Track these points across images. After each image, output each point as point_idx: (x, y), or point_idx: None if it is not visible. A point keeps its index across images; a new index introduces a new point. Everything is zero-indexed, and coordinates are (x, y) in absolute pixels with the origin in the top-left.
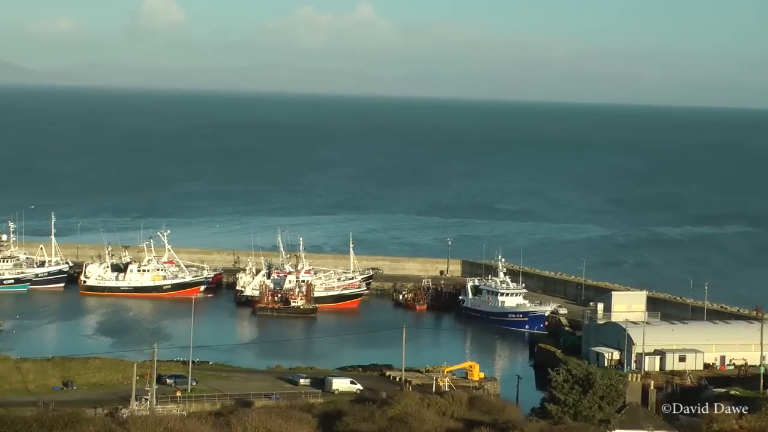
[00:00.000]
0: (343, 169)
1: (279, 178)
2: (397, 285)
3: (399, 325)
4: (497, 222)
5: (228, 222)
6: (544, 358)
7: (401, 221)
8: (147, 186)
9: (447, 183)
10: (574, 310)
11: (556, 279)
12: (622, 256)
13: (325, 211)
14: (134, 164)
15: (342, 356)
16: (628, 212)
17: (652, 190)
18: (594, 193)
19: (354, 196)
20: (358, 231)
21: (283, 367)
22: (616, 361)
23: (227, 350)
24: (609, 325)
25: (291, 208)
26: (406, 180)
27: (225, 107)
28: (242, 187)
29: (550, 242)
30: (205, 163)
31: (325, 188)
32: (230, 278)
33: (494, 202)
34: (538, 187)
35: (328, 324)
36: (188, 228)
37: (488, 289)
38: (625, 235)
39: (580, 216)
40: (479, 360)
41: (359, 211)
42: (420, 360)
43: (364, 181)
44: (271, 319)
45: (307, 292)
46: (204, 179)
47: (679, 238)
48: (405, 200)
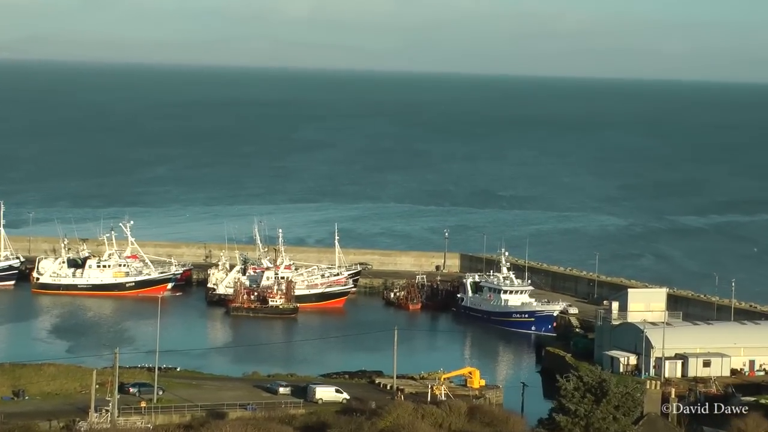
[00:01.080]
0: (328, 152)
1: (256, 162)
2: (388, 282)
3: (390, 326)
4: (500, 211)
5: (199, 211)
6: (553, 363)
7: (393, 210)
8: (108, 171)
9: (444, 167)
10: (586, 310)
11: (565, 275)
12: (639, 249)
13: (307, 199)
14: (93, 147)
15: (326, 361)
16: (646, 199)
17: (674, 175)
18: (609, 179)
19: (340, 182)
20: (345, 221)
21: (260, 374)
22: (632, 367)
23: (198, 355)
24: (625, 327)
25: (269, 196)
26: (399, 164)
27: (196, 84)
28: (215, 172)
29: (559, 233)
30: (173, 146)
31: (308, 173)
32: (201, 275)
33: (497, 188)
34: (547, 172)
35: (310, 325)
36: (154, 218)
37: (490, 286)
38: (642, 225)
39: (593, 204)
40: (480, 365)
41: (346, 199)
42: (414, 366)
43: (351, 166)
44: (246, 321)
45: (287, 290)
46: (172, 163)
47: (704, 228)
48: (397, 187)
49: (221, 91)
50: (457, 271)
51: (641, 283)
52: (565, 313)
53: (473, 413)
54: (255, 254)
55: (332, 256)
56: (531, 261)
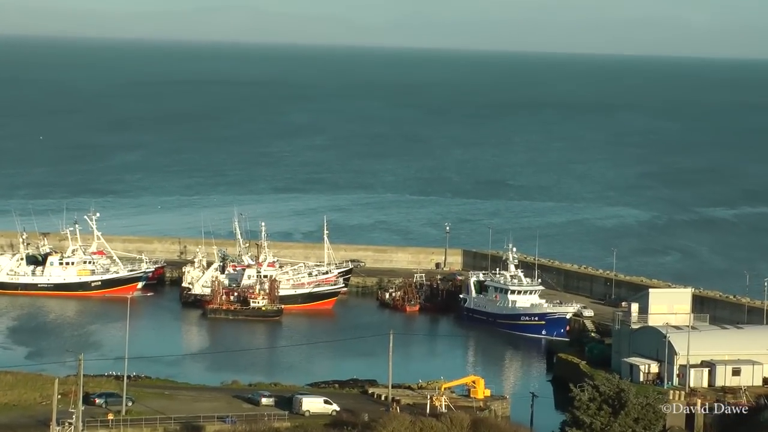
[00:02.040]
0: (316, 137)
1: (237, 147)
2: (383, 281)
3: (385, 330)
4: (507, 202)
5: (172, 202)
6: (565, 371)
7: (388, 201)
8: (71, 158)
9: (445, 154)
10: (602, 312)
11: (579, 273)
12: (661, 245)
13: (293, 188)
14: (56, 130)
15: (314, 369)
16: (669, 189)
17: (700, 162)
18: (627, 166)
19: (330, 171)
20: (335, 214)
21: (240, 383)
22: (654, 375)
23: (171, 362)
24: (645, 331)
25: (251, 185)
26: (395, 150)
27: (170, 60)
28: (191, 158)
29: (572, 227)
30: (144, 130)
31: (294, 160)
32: (175, 273)
33: (504, 177)
34: (558, 159)
35: (296, 329)
36: (123, 210)
37: (496, 285)
38: (665, 217)
39: (609, 194)
40: (484, 374)
41: (336, 189)
42: (411, 374)
43: (342, 152)
44: (225, 324)
45: (270, 289)
46: (143, 149)
47: (733, 221)
48: (393, 175)
49: (198, 68)
50: (459, 268)
51: (664, 283)
52: (579, 315)
53: (477, 427)
54: (235, 250)
55: (321, 253)
56: (541, 258)
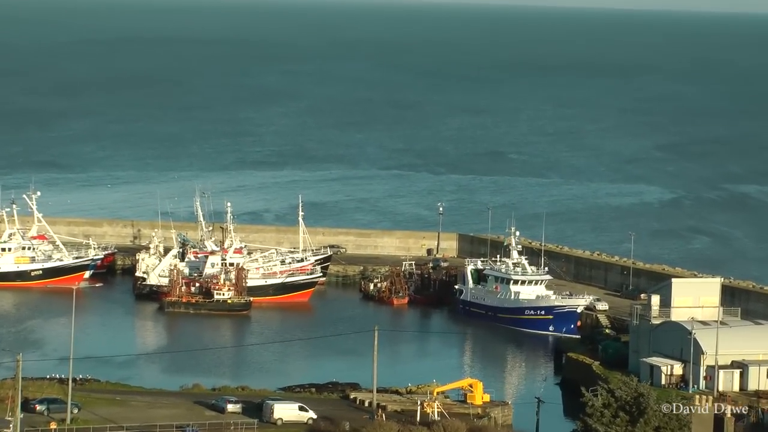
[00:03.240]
0: (290, 103)
1: (200, 115)
2: (367, 269)
3: (369, 326)
4: (510, 179)
5: (125, 179)
6: (576, 373)
7: (373, 178)
8: (8, 127)
9: (439, 123)
10: (618, 305)
11: (592, 261)
12: (686, 228)
13: (264, 163)
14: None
15: (288, 371)
16: (695, 163)
17: (731, 132)
18: (647, 137)
19: (306, 143)
20: (312, 192)
21: (203, 387)
22: (677, 378)
23: (123, 363)
24: (668, 327)
25: (216, 159)
26: (382, 119)
27: (123, 15)
28: (147, 128)
29: (584, 208)
30: (93, 94)
31: (266, 131)
32: (128, 260)
33: (506, 149)
34: (569, 129)
35: (267, 325)
36: (68, 188)
37: (496, 275)
38: (691, 196)
39: (626, 169)
40: (483, 376)
41: (314, 163)
42: (399, 376)
43: (320, 120)
44: (186, 319)
45: (237, 279)
46: (92, 117)
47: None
48: (379, 148)
49: (156, 24)
50: (454, 255)
51: (689, 272)
52: (592, 309)
53: None
54: (196, 234)
55: (295, 237)
56: (548, 243)
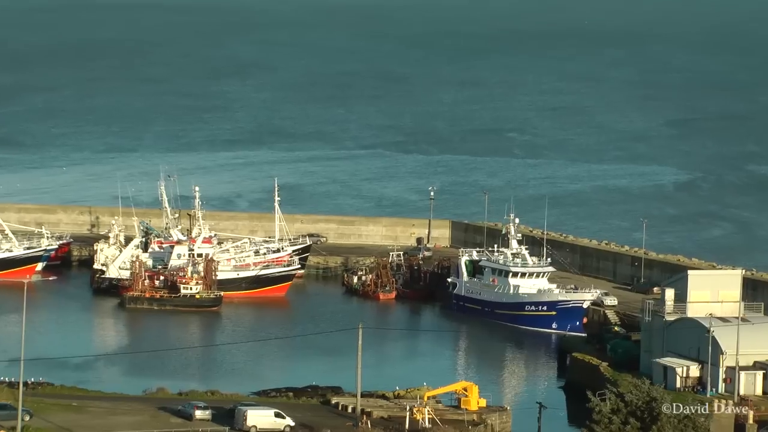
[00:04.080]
0: (266, 76)
1: (166, 90)
2: (350, 261)
3: (353, 323)
4: (509, 160)
5: (82, 161)
6: (582, 375)
7: (357, 159)
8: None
9: (430, 98)
10: (629, 300)
11: (600, 251)
12: (704, 214)
13: (237, 142)
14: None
15: (262, 373)
16: (712, 142)
17: (751, 107)
18: (659, 112)
19: (283, 119)
20: (289, 175)
21: (168, 392)
22: (694, 380)
23: (80, 365)
24: (683, 324)
25: (183, 139)
26: (367, 93)
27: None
28: (107, 104)
29: (591, 192)
30: (47, 67)
31: (238, 107)
32: (85, 251)
33: (504, 127)
34: (575, 104)
35: (240, 322)
36: (18, 170)
37: (494, 266)
38: (710, 178)
39: (638, 149)
40: (479, 379)
41: (291, 142)
42: (386, 379)
43: (299, 95)
44: (149, 316)
45: (206, 272)
46: (46, 92)
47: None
48: (364, 126)
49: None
50: (446, 245)
51: (707, 263)
52: (600, 304)
53: None
54: (161, 222)
55: (271, 225)
56: (551, 231)
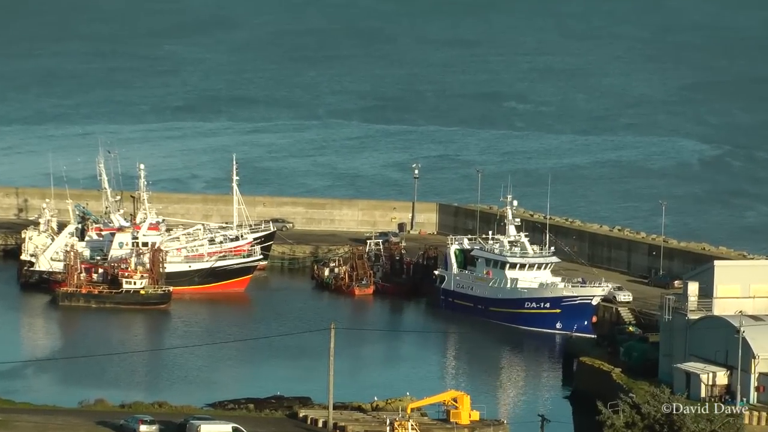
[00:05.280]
0: (224, 34)
1: (107, 49)
2: (321, 250)
3: (324, 323)
4: (505, 133)
5: (8, 134)
6: (591, 382)
7: (330, 131)
8: None
9: (416, 60)
10: (645, 296)
11: (612, 238)
12: (732, 194)
13: (189, 112)
14: None
15: (218, 382)
16: (742, 110)
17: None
18: (682, 77)
19: (245, 85)
20: (250, 150)
21: (109, 404)
22: (721, 389)
23: (6, 373)
24: (709, 323)
25: (126, 108)
26: (342, 54)
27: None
28: (37, 66)
29: (600, 170)
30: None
31: (192, 69)
32: (11, 239)
33: (501, 94)
34: (582, 67)
35: (192, 322)
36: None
37: (488, 256)
38: (739, 153)
39: (656, 119)
40: (471, 388)
41: (253, 111)
42: (362, 388)
43: (263, 56)
44: (86, 315)
45: (153, 264)
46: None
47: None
48: (338, 92)
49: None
50: (433, 232)
51: (736, 252)
52: (612, 300)
53: None
54: (100, 206)
55: (228, 209)
56: (556, 216)
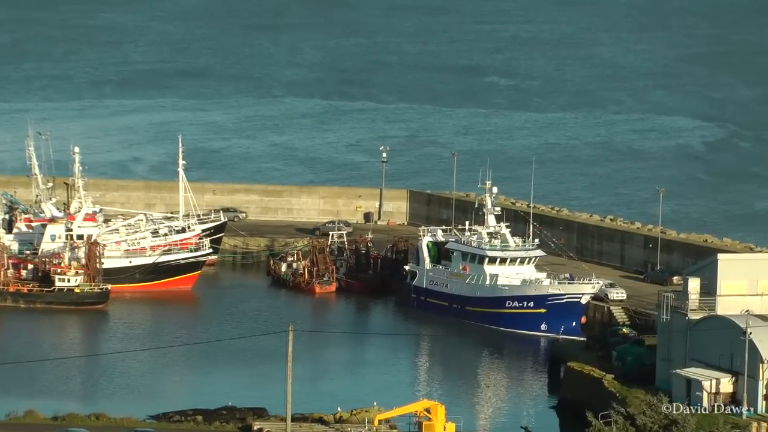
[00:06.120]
0: (168, 2)
1: (38, 18)
2: (277, 243)
3: (281, 324)
4: (485, 112)
5: None
6: (580, 390)
7: (287, 109)
8: None
9: (383, 27)
10: (641, 293)
11: (603, 229)
12: (739, 178)
13: (130, 87)
14: None
15: (162, 391)
16: (749, 84)
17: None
18: (684, 46)
19: (191, 56)
20: (199, 131)
21: (40, 415)
22: (726, 397)
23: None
24: (712, 324)
25: (60, 83)
26: (299, 21)
27: None
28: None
29: (591, 152)
30: None
31: (134, 40)
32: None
33: (481, 67)
34: (572, 35)
35: (133, 324)
36: None
37: (464, 250)
38: (747, 134)
39: (653, 93)
40: (446, 397)
41: (201, 87)
42: (324, 398)
43: (212, 23)
44: (14, 316)
45: (89, 259)
46: None
47: None
48: (296, 64)
49: None
50: (403, 222)
51: (743, 245)
52: (603, 298)
53: None
54: (30, 194)
55: (173, 197)
56: (541, 204)
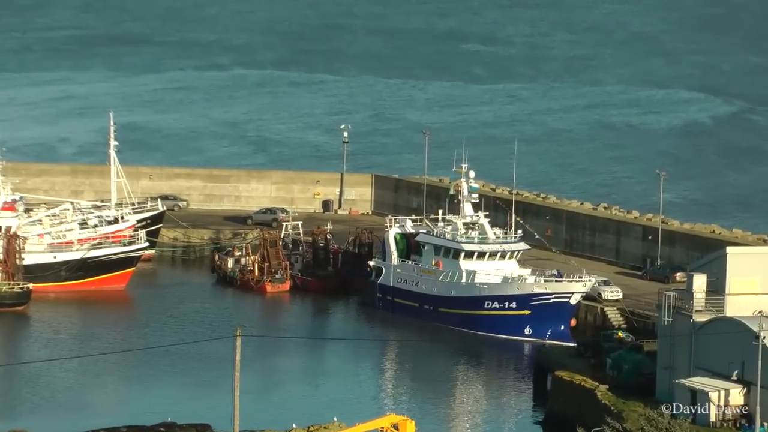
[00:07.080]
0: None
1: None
2: (223, 236)
3: (227, 328)
4: (463, 85)
5: None
6: (570, 403)
7: (233, 81)
8: None
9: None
10: (639, 292)
11: (596, 218)
12: (751, 160)
13: (55, 59)
14: None
15: (94, 405)
16: (764, 53)
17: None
18: (683, 7)
19: (126, 22)
20: (133, 107)
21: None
22: (736, 410)
23: None
24: (720, 326)
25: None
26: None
27: None
28: None
29: (582, 130)
30: None
31: (60, 3)
32: None
33: (456, 33)
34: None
35: (58, 328)
36: None
37: (437, 243)
38: (758, 110)
39: (653, 64)
40: (417, 411)
41: (135, 56)
42: (279, 412)
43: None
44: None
45: (7, 254)
46: None
47: None
48: (243, 29)
49: None
50: (367, 211)
51: (755, 236)
52: (596, 298)
53: None
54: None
55: (105, 183)
56: (525, 191)
